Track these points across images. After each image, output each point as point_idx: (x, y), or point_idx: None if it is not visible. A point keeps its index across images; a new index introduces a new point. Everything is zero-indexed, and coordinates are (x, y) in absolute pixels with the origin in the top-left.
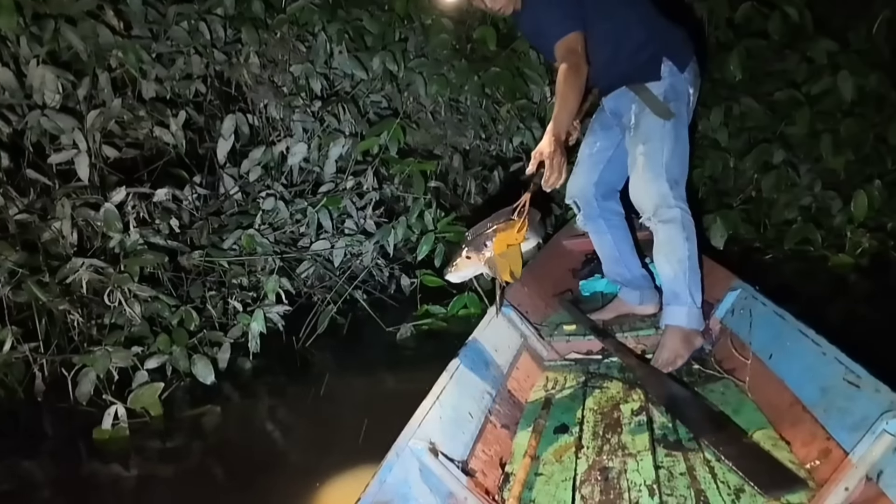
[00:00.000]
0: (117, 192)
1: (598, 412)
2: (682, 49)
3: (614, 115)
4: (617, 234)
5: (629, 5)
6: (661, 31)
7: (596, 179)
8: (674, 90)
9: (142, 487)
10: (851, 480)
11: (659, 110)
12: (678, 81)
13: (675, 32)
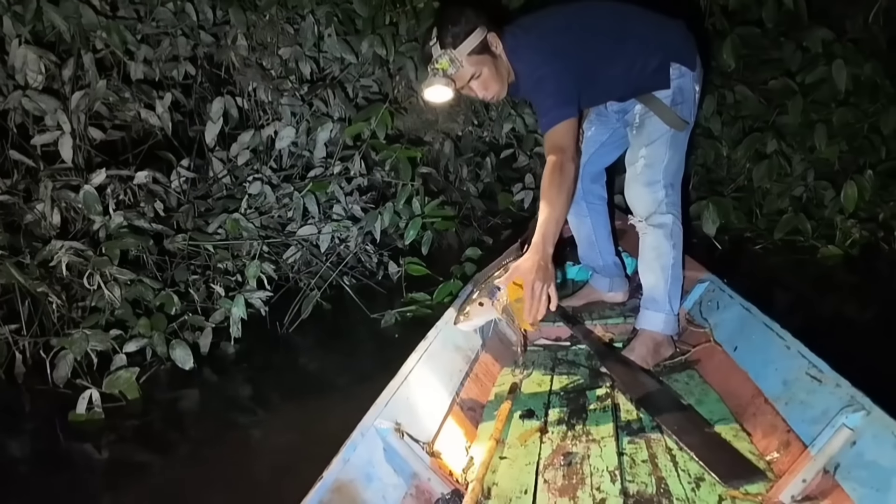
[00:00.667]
0: (97, 175)
1: (564, 398)
2: (687, 48)
3: (616, 112)
4: (597, 220)
5: (639, 22)
6: (668, 36)
7: (585, 160)
8: (681, 92)
9: (109, 470)
10: (809, 472)
11: (669, 119)
12: (686, 82)
13: (678, 32)
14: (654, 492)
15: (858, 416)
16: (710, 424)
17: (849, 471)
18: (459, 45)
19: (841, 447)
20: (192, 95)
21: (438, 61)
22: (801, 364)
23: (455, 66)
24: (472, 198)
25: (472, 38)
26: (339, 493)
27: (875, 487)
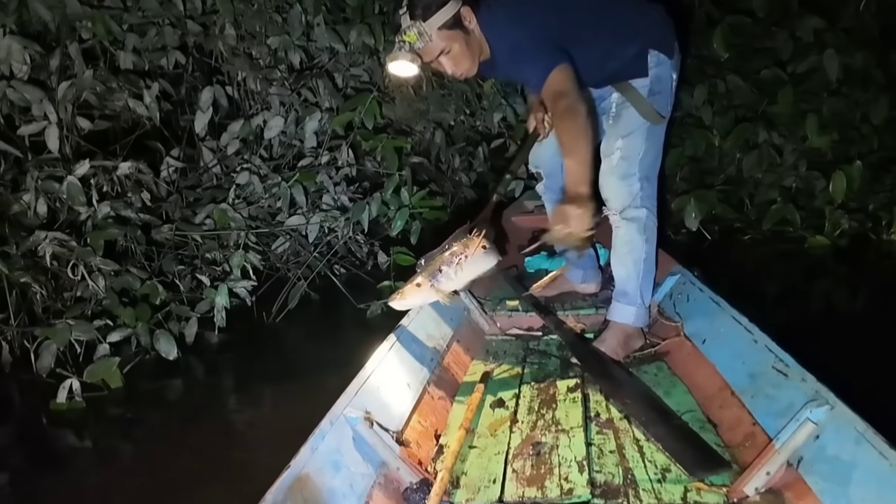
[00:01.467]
0: (81, 165)
1: (534, 388)
2: (666, 34)
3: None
4: None
5: (620, 4)
6: (648, 21)
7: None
8: (659, 81)
9: (90, 458)
10: (773, 465)
11: (645, 112)
12: (663, 70)
13: (658, 17)
14: (621, 482)
15: (822, 411)
16: (678, 416)
17: (812, 464)
18: (430, 17)
19: (804, 441)
20: (183, 85)
21: (406, 33)
22: (768, 358)
23: (423, 41)
24: (464, 187)
25: (444, 12)
26: (306, 482)
27: (836, 481)
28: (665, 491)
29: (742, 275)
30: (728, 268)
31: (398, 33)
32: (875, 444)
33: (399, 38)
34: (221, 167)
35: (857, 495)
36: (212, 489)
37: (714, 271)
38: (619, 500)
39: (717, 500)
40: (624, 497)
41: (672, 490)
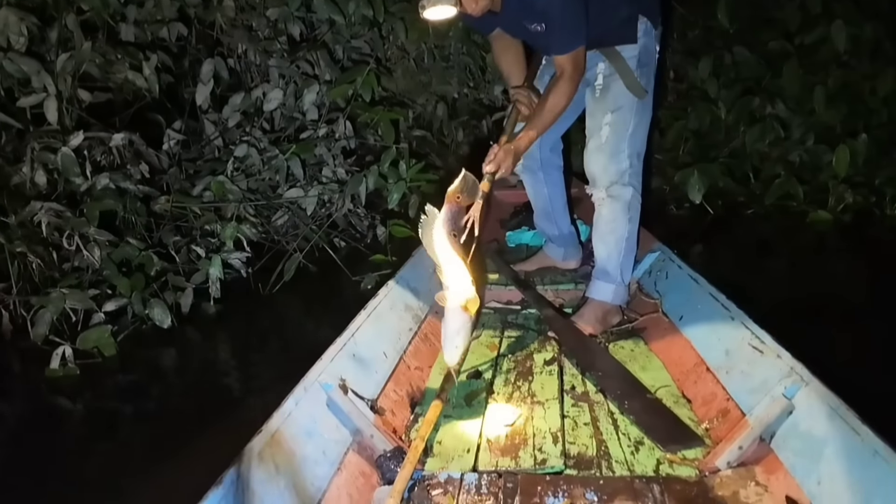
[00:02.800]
0: (75, 137)
1: (511, 360)
2: (653, 3)
3: None
4: (553, 191)
5: None
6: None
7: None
8: (647, 52)
9: (84, 423)
10: (746, 440)
11: (631, 85)
12: (650, 41)
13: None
14: (595, 454)
15: (797, 387)
16: (652, 391)
17: (784, 439)
18: None
19: (777, 416)
20: (186, 58)
21: None
22: (744, 335)
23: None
24: (465, 161)
25: None
26: (278, 447)
27: (808, 456)
28: (638, 463)
29: (741, 250)
30: (728, 243)
31: None
32: (848, 420)
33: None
34: (223, 140)
35: (828, 470)
36: (198, 451)
37: (713, 246)
38: (592, 471)
39: (689, 472)
40: (597, 468)
41: (644, 462)
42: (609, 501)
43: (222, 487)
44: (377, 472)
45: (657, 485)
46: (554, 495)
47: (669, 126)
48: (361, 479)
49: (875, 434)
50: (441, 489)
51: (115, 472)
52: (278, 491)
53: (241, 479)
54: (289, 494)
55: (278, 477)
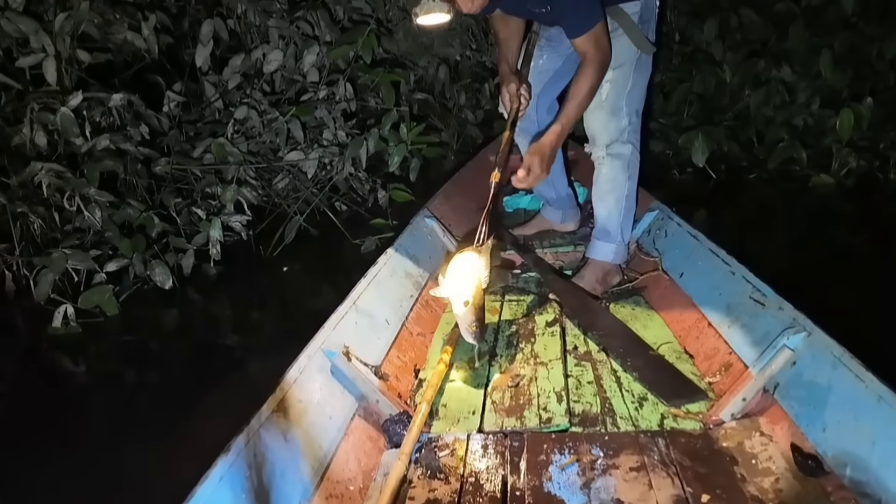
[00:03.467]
0: (74, 97)
1: (513, 323)
2: None
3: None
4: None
5: None
6: None
7: (539, 91)
8: (648, 8)
9: (86, 380)
10: (749, 392)
11: (636, 39)
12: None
13: None
14: (599, 411)
15: (799, 338)
16: (654, 348)
17: (787, 390)
18: None
19: (781, 367)
20: (185, 18)
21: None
22: (745, 289)
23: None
24: (469, 125)
25: None
26: (284, 414)
27: (812, 405)
28: (642, 418)
29: (743, 214)
30: (730, 207)
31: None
32: (852, 368)
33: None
34: (223, 102)
35: (833, 418)
36: (201, 411)
37: (715, 210)
38: (597, 428)
39: (694, 426)
40: (602, 424)
41: (649, 417)
42: (615, 456)
43: (231, 455)
44: (384, 436)
45: (662, 438)
46: (560, 452)
47: (674, 89)
48: (369, 443)
49: (880, 380)
50: (448, 450)
51: (116, 430)
52: (287, 457)
53: (249, 448)
54: (298, 460)
55: (286, 444)
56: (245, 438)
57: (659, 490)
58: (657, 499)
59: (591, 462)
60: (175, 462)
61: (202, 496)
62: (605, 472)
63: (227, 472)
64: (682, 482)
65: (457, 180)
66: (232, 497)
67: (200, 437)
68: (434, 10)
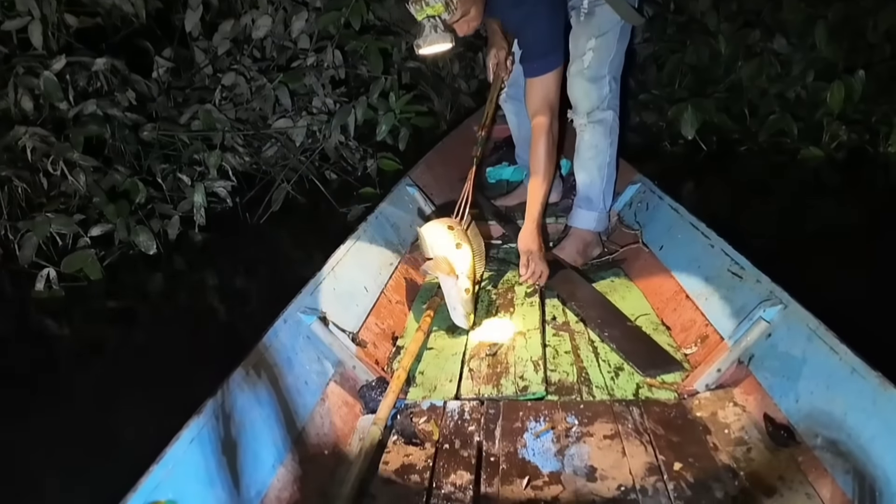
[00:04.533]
0: (57, 61)
1: (493, 293)
2: None
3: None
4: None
5: None
6: None
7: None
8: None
9: (70, 344)
10: (724, 363)
11: (625, 12)
12: None
13: None
14: (575, 380)
15: (776, 310)
16: (632, 319)
17: (762, 361)
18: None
19: (756, 339)
20: None
21: (429, 4)
22: (724, 262)
23: (450, 11)
24: (463, 95)
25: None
26: (258, 377)
27: (785, 376)
28: (618, 387)
29: (731, 186)
30: (719, 179)
31: (414, 3)
32: (826, 340)
33: (417, 7)
34: (213, 68)
35: (806, 389)
36: (182, 373)
37: (704, 183)
38: (573, 397)
39: (668, 395)
40: (578, 393)
41: (624, 387)
42: (589, 424)
43: (203, 416)
44: (360, 402)
45: (637, 407)
46: (535, 420)
47: (667, 60)
48: (345, 408)
49: (853, 352)
50: (424, 416)
51: (98, 391)
52: (261, 421)
53: (222, 410)
54: (272, 424)
55: (260, 407)
56: (218, 401)
57: (632, 457)
58: (630, 466)
59: (565, 430)
60: (156, 423)
61: (172, 457)
62: (579, 439)
63: (198, 433)
64: (655, 450)
65: (439, 150)
66: (202, 459)
67: (181, 399)
68: (437, 41)
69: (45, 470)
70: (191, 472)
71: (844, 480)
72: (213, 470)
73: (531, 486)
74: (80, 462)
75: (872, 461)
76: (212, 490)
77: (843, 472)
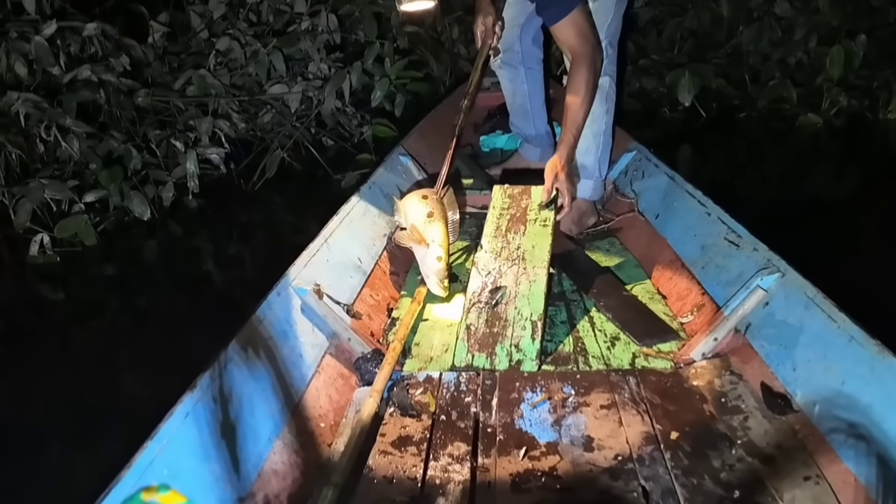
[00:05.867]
0: (48, 26)
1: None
2: None
3: None
4: (533, 87)
5: None
6: None
7: (523, 21)
8: None
9: (66, 308)
10: (721, 331)
11: None
12: None
13: None
14: (571, 350)
15: (773, 279)
16: (628, 289)
17: (759, 329)
18: None
19: (753, 308)
20: None
21: None
22: (721, 230)
23: None
24: (461, 60)
25: None
26: (253, 350)
27: (783, 345)
28: (614, 357)
29: (729, 153)
30: (717, 146)
31: None
32: (824, 308)
33: None
34: (209, 32)
35: (803, 357)
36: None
37: (702, 149)
38: (569, 367)
39: (665, 364)
40: (574, 363)
41: (621, 356)
42: (586, 394)
43: (197, 391)
44: (356, 374)
45: (633, 377)
46: (532, 390)
47: (667, 24)
48: (340, 380)
49: (851, 320)
50: (420, 388)
51: (92, 357)
52: (256, 394)
53: (216, 384)
54: (267, 397)
55: (255, 381)
56: (212, 375)
57: (629, 427)
58: (627, 435)
59: (562, 400)
60: (153, 387)
61: (167, 432)
62: (575, 409)
63: (192, 408)
64: (651, 419)
65: (432, 118)
66: (198, 434)
67: (178, 363)
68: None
69: (42, 435)
70: (186, 447)
71: (842, 448)
72: (209, 444)
73: (528, 456)
74: (77, 427)
75: (870, 428)
76: (207, 465)
77: (842, 440)
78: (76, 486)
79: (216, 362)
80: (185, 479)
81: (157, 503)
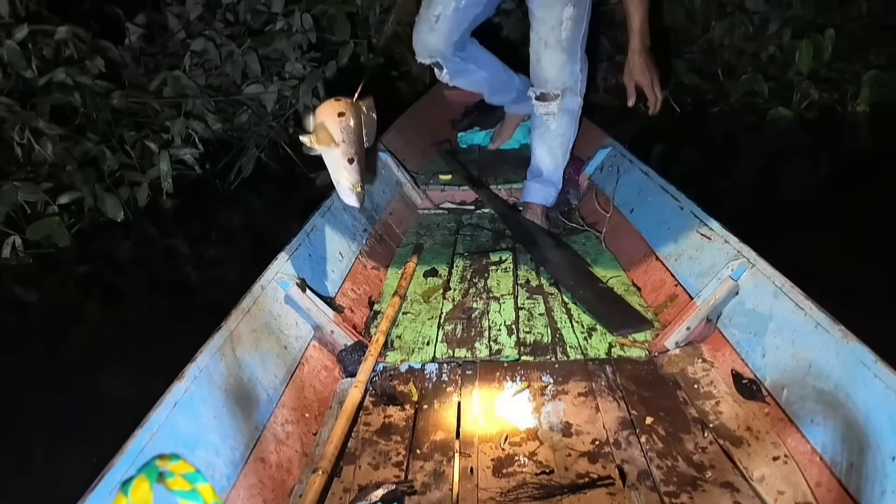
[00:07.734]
0: (19, 29)
1: (467, 258)
2: None
3: None
4: (490, 69)
5: None
6: None
7: (457, 39)
8: None
9: (40, 311)
10: (693, 321)
11: None
12: None
13: None
14: (550, 341)
15: (743, 269)
16: (604, 281)
17: (729, 318)
18: None
19: (724, 297)
20: None
21: None
22: (693, 223)
23: None
24: None
25: None
26: (238, 342)
27: (752, 332)
28: (591, 347)
29: (701, 147)
30: (689, 140)
31: None
32: (792, 297)
33: None
34: (186, 33)
35: (772, 343)
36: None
37: (675, 143)
38: (547, 357)
39: (640, 353)
40: (552, 353)
41: (597, 346)
42: (564, 383)
43: (185, 381)
44: (339, 365)
45: (609, 366)
46: (512, 380)
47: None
48: (324, 372)
49: (818, 308)
50: (403, 378)
51: (72, 357)
52: (241, 385)
53: (203, 375)
54: (252, 388)
55: (240, 371)
56: (199, 366)
57: (605, 413)
58: (604, 421)
59: (541, 388)
60: (135, 387)
61: (156, 421)
62: (554, 397)
63: (181, 398)
64: (627, 405)
65: (410, 114)
66: (186, 422)
67: (158, 362)
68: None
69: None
70: (174, 435)
71: (808, 429)
72: (196, 433)
73: (509, 442)
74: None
75: (834, 409)
76: (195, 453)
77: (808, 422)
78: (50, 488)
79: (203, 353)
80: None
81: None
